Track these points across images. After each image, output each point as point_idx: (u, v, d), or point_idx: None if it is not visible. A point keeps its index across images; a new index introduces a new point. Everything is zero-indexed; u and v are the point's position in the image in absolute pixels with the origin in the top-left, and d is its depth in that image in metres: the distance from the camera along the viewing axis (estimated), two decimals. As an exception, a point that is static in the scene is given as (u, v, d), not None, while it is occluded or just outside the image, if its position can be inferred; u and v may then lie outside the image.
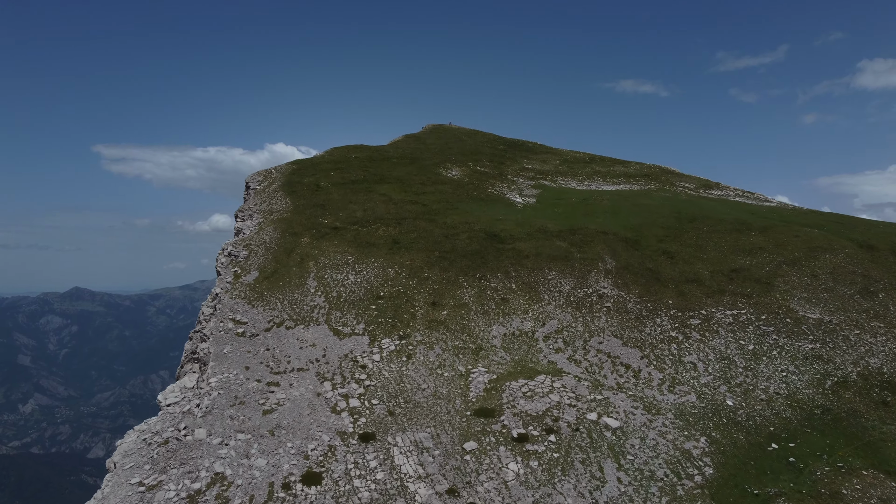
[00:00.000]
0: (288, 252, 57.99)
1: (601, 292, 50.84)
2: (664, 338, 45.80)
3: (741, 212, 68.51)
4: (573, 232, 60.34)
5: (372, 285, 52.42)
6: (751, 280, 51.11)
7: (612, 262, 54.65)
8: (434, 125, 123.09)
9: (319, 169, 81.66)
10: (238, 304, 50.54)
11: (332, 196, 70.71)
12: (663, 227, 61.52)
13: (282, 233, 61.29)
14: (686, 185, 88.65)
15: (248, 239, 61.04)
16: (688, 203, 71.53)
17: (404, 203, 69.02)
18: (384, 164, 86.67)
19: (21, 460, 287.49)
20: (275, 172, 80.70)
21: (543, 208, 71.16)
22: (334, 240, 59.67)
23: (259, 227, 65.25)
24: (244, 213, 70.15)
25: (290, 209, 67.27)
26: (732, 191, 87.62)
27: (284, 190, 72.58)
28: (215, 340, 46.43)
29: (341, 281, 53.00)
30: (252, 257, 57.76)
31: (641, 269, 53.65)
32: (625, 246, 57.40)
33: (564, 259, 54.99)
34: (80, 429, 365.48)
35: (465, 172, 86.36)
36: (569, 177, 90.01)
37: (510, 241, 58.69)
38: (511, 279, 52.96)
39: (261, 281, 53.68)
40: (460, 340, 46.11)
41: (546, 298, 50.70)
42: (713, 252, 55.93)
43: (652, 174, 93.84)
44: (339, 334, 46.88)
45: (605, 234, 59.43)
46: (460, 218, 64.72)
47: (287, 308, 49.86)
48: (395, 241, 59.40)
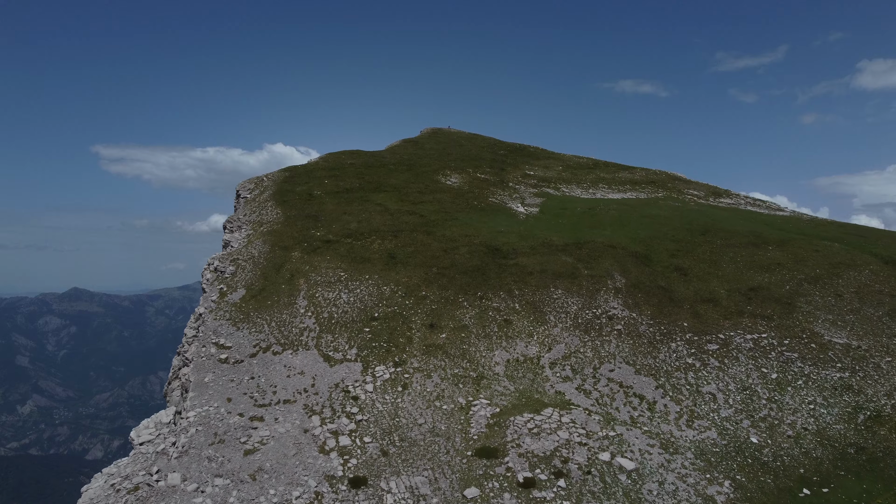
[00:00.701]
0: (277, 268, 54.65)
1: (611, 313, 47.53)
2: (680, 365, 42.48)
3: (755, 223, 65.21)
4: (579, 246, 57.02)
5: (366, 305, 49.08)
6: (770, 300, 47.81)
7: (621, 279, 51.33)
8: (433, 129, 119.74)
9: (313, 176, 78.31)
10: (222, 325, 47.19)
11: (326, 206, 67.34)
12: (674, 241, 58.20)
13: (271, 246, 57.93)
14: (694, 192, 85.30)
15: (235, 253, 57.68)
16: (698, 213, 68.21)
17: (401, 213, 65.68)
18: (381, 170, 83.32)
19: (19, 462, 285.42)
20: (266, 180, 77.36)
21: (547, 219, 67.82)
22: (326, 254, 56.32)
23: (248, 239, 61.88)
24: (233, 224, 66.78)
25: (280, 220, 63.90)
26: (743, 199, 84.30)
27: (275, 199, 69.21)
28: (196, 367, 43.09)
29: (333, 300, 49.65)
30: (239, 273, 54.40)
31: (653, 287, 50.34)
32: (634, 261, 54.07)
33: (571, 276, 51.67)
34: (78, 430, 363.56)
35: (465, 179, 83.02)
36: (572, 184, 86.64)
37: (513, 256, 55.36)
38: (514, 298, 49.63)
39: (247, 300, 50.33)
40: (460, 368, 42.78)
41: (552, 320, 47.37)
42: (729, 268, 52.61)
43: (658, 181, 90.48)
44: (329, 360, 43.55)
45: (613, 249, 56.11)
46: (460, 230, 61.37)
47: (275, 331, 46.52)
48: (390, 255, 56.06)
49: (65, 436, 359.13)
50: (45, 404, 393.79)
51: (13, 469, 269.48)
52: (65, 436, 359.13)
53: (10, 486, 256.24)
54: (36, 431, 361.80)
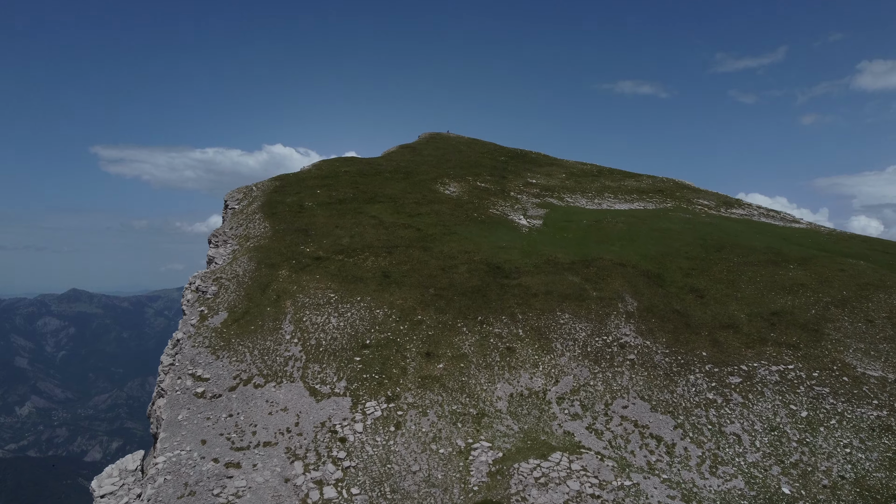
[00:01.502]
0: (263, 288, 50.89)
1: (623, 341, 43.78)
2: (700, 401, 38.74)
3: (772, 237, 61.50)
4: (587, 263, 53.28)
5: (357, 331, 45.33)
6: (795, 326, 44.08)
7: (633, 302, 47.59)
8: (431, 134, 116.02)
9: (305, 186, 74.57)
10: (201, 353, 43.42)
11: (317, 219, 63.58)
12: (688, 258, 54.47)
13: (257, 264, 54.17)
14: (704, 202, 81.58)
15: (219, 271, 53.92)
16: (711, 226, 64.50)
17: (396, 227, 61.93)
18: (376, 179, 79.59)
19: (17, 464, 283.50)
20: (255, 190, 73.62)
21: (551, 232, 64.08)
22: (316, 273, 52.57)
23: (233, 255, 58.13)
24: (218, 238, 63.01)
25: (268, 234, 60.13)
26: (755, 209, 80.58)
27: (264, 211, 65.44)
28: (170, 403, 39.33)
29: (321, 325, 45.90)
30: (222, 294, 50.64)
31: (667, 310, 46.61)
32: (646, 281, 50.34)
33: (578, 298, 47.93)
34: (77, 431, 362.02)
35: (464, 189, 79.30)
36: (577, 193, 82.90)
37: (515, 276, 51.61)
38: (517, 323, 45.89)
39: (229, 324, 46.58)
40: (459, 403, 39.02)
41: (559, 348, 43.62)
42: (748, 289, 48.88)
43: (666, 189, 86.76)
44: (316, 395, 39.78)
45: (622, 267, 52.38)
46: (459, 245, 57.62)
47: (257, 360, 42.76)
48: (384, 274, 52.31)
49: (63, 437, 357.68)
50: (43, 406, 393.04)
51: (11, 471, 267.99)
52: (63, 437, 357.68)
53: (8, 488, 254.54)
54: (34, 433, 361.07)
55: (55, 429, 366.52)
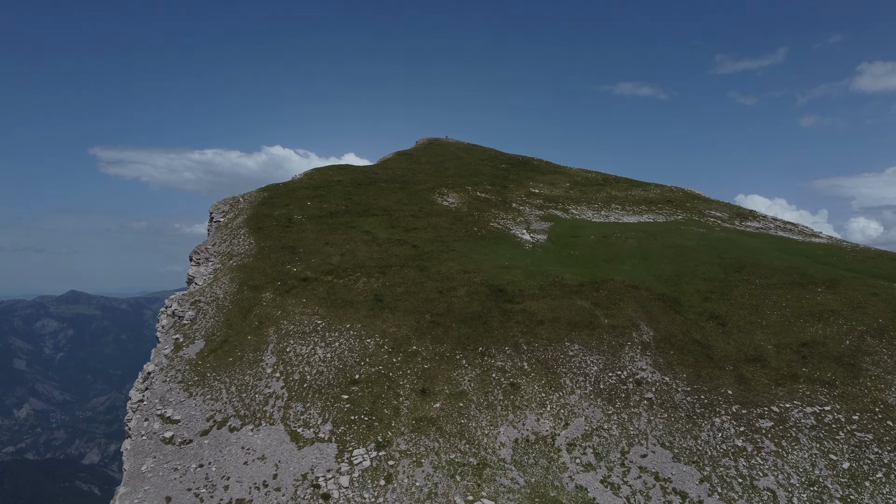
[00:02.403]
0: (244, 313, 46.74)
1: (639, 376, 39.61)
2: (728, 449, 34.55)
3: (794, 255, 57.35)
4: (596, 286, 49.11)
5: (345, 364, 41.15)
6: (829, 359, 39.91)
7: (648, 330, 43.43)
8: (429, 139, 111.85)
9: (294, 197, 70.39)
10: (172, 390, 39.28)
11: (306, 234, 59.40)
12: (706, 279, 50.30)
13: (239, 285, 50.02)
14: (717, 213, 77.40)
15: (197, 293, 49.74)
16: (728, 242, 60.32)
17: (391, 244, 57.75)
18: (371, 189, 75.42)
19: (15, 466, 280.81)
20: (242, 201, 69.41)
21: (557, 249, 59.93)
22: (303, 296, 48.43)
23: (214, 276, 53.95)
24: (200, 255, 58.80)
25: (253, 252, 55.96)
26: (771, 221, 76.40)
27: (250, 226, 61.25)
28: (135, 450, 35.15)
29: (306, 357, 41.74)
30: (199, 319, 46.49)
31: (687, 341, 42.45)
32: (662, 307, 46.18)
33: (589, 326, 43.77)
34: (75, 434, 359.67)
35: (464, 199, 75.13)
36: (582, 204, 78.73)
37: (519, 300, 47.45)
38: (522, 355, 41.71)
39: (206, 355, 42.43)
40: (457, 451, 34.83)
41: (568, 385, 39.44)
42: (774, 316, 44.71)
43: (675, 200, 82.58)
44: (298, 440, 35.60)
45: (635, 290, 48.22)
46: (457, 265, 53.45)
47: (234, 398, 38.60)
48: (377, 297, 48.15)
49: (61, 440, 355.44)
50: (41, 408, 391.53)
51: (9, 474, 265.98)
52: (61, 440, 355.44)
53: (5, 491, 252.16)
54: (32, 435, 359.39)
55: (53, 431, 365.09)
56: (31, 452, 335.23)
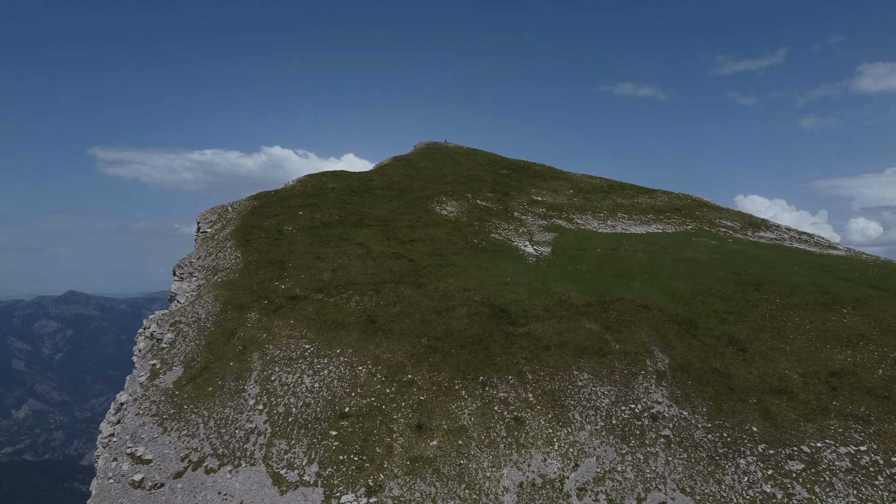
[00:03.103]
0: (227, 336, 43.45)
1: (655, 410, 36.30)
2: (756, 496, 31.24)
3: (813, 270, 54.05)
4: (605, 305, 45.82)
5: (334, 394, 37.85)
6: (861, 391, 36.60)
7: (663, 357, 40.13)
8: (427, 144, 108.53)
9: (286, 206, 67.05)
10: (145, 425, 36.00)
11: (296, 247, 56.07)
12: (722, 298, 47.02)
13: (223, 304, 46.72)
14: (728, 223, 74.10)
15: (178, 313, 46.45)
16: (742, 256, 57.00)
17: (386, 257, 54.45)
18: (366, 197, 72.13)
19: (13, 467, 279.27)
20: (231, 210, 66.08)
21: (562, 263, 56.61)
22: (290, 316, 45.13)
23: (197, 293, 50.66)
24: (184, 269, 55.48)
25: (239, 267, 52.66)
26: (785, 231, 73.12)
27: (237, 238, 57.91)
28: (100, 496, 31.87)
29: (292, 387, 38.44)
30: (179, 343, 43.21)
31: (705, 369, 39.15)
32: (677, 329, 42.88)
33: (599, 352, 40.47)
34: (73, 435, 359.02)
35: (463, 208, 71.83)
36: (587, 213, 75.41)
37: (523, 321, 44.15)
38: (527, 385, 38.40)
39: (183, 384, 39.15)
40: (456, 497, 31.53)
41: (577, 419, 36.13)
42: (798, 341, 41.42)
43: (684, 208, 79.29)
44: (280, 483, 32.31)
45: (647, 310, 44.93)
46: (457, 281, 50.16)
47: (212, 434, 35.30)
48: (370, 318, 44.83)
49: (60, 440, 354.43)
50: (40, 408, 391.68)
51: (7, 475, 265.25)
52: (60, 440, 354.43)
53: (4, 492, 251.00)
54: (31, 436, 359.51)
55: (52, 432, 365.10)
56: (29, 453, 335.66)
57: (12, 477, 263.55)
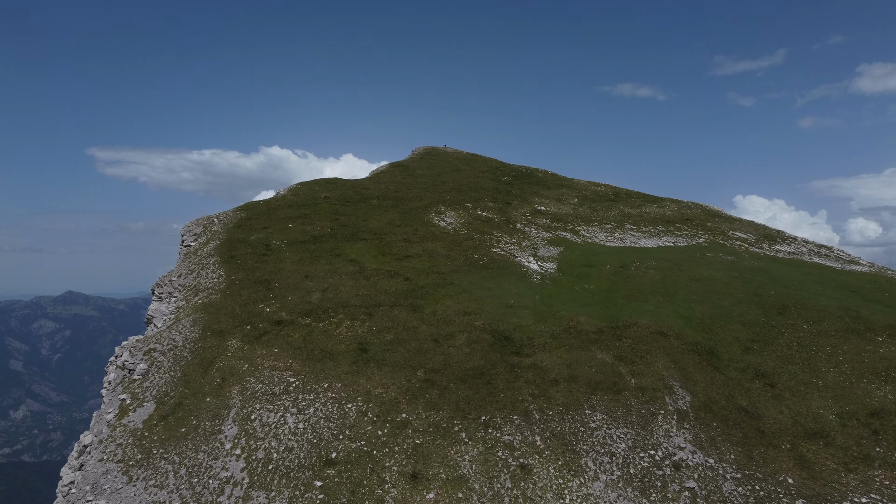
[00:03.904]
0: (206, 366, 39.72)
1: (677, 458, 32.57)
2: (796, 563, 27.55)
3: (839, 289, 50.35)
4: (618, 332, 42.12)
5: (320, 437, 34.09)
6: (907, 435, 32.89)
7: (684, 394, 36.39)
8: (425, 148, 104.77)
9: (275, 217, 63.35)
10: (109, 472, 32.27)
11: (284, 265, 52.33)
12: (744, 323, 43.33)
13: (202, 330, 43.02)
14: (741, 235, 70.37)
15: (153, 339, 42.76)
16: (761, 273, 53.28)
17: (380, 276, 50.71)
18: (360, 208, 68.42)
19: (11, 469, 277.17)
20: (216, 223, 62.34)
21: (569, 282, 52.87)
22: (275, 344, 41.40)
23: (175, 316, 46.93)
24: (163, 287, 51.76)
25: (222, 287, 48.91)
26: (803, 245, 69.40)
27: (221, 253, 54.18)
28: (51, 560, 28.05)
29: (274, 428, 34.69)
30: (153, 375, 39.51)
31: (731, 408, 35.42)
32: (697, 361, 39.17)
33: (613, 389, 36.73)
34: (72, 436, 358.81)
35: (463, 219, 68.10)
36: (593, 224, 71.68)
37: (529, 351, 40.43)
38: (533, 426, 34.66)
39: (154, 423, 35.43)
40: (456, 564, 27.80)
41: (591, 467, 32.39)
42: (831, 374, 37.72)
43: (694, 218, 75.57)
44: (257, 546, 28.56)
45: (664, 337, 41.23)
46: (456, 303, 46.45)
47: (183, 484, 31.55)
48: (361, 347, 41.10)
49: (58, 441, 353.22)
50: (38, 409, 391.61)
51: (5, 476, 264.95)
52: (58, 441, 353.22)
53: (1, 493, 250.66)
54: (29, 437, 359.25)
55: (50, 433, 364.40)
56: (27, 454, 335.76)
57: (10, 478, 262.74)
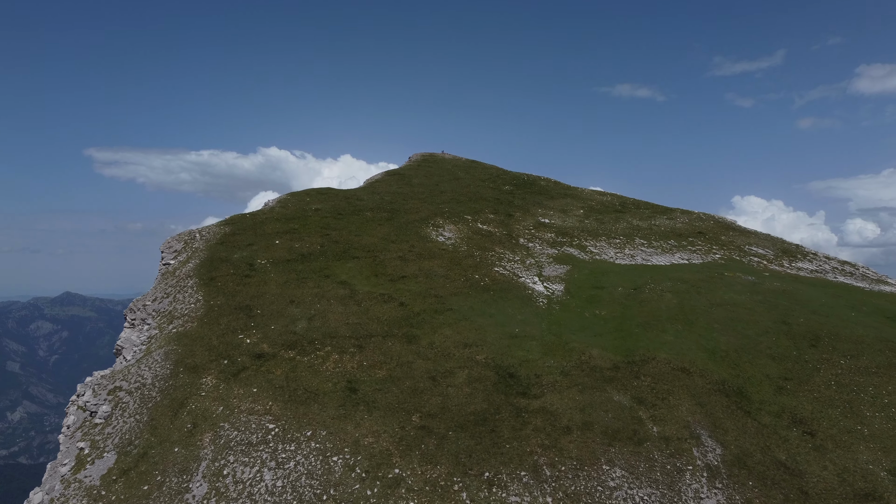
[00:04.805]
0: (176, 408, 35.47)
1: (710, 526, 28.41)
2: None
3: (873, 315, 46.24)
4: (635, 368, 37.95)
5: (301, 498, 29.86)
6: (971, 497, 28.77)
7: (713, 445, 32.21)
8: (423, 155, 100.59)
9: (261, 232, 59.06)
10: (57, 542, 27.94)
11: (268, 288, 48.08)
12: (774, 357, 39.19)
13: (175, 364, 38.77)
14: (759, 251, 66.23)
15: (120, 376, 38.52)
16: (787, 297, 49.10)
17: (372, 300, 46.50)
18: (353, 221, 64.19)
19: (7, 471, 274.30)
20: (198, 239, 58.03)
21: (578, 306, 48.66)
22: (254, 383, 37.14)
23: (146, 347, 42.65)
24: (136, 313, 47.50)
25: (199, 313, 44.63)
26: (825, 261, 65.25)
27: (200, 275, 49.89)
28: None
29: (248, 486, 30.46)
30: (116, 418, 35.27)
31: (768, 463, 31.25)
32: (726, 404, 35.00)
33: (633, 438, 32.54)
34: None
35: (463, 233, 63.90)
36: (601, 238, 67.51)
37: (537, 391, 36.24)
38: (544, 484, 30.46)
39: (113, 479, 31.21)
40: None
41: (610, 537, 28.21)
42: (877, 420, 33.58)
43: (707, 231, 71.42)
44: None
45: (686, 375, 37.09)
46: (455, 333, 42.25)
47: (141, 558, 27.28)
48: (350, 386, 36.88)
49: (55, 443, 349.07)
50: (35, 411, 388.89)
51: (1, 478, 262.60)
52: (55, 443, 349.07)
53: None
54: (26, 439, 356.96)
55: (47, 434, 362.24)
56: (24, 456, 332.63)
57: (7, 480, 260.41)
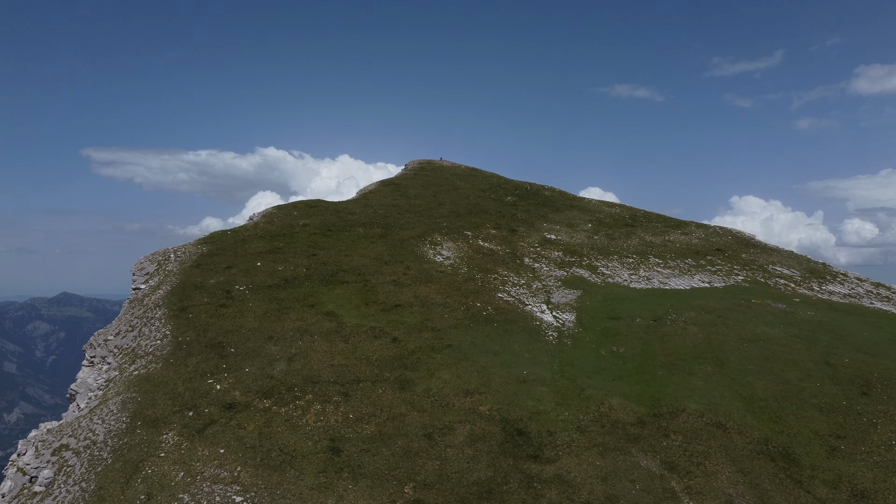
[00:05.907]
0: (129, 474, 30.25)
1: None
2: None
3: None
4: (663, 424, 32.82)
5: None
6: None
7: (763, 527, 27.09)
8: (420, 162, 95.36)
9: (242, 253, 53.85)
10: None
11: (245, 320, 42.87)
12: (821, 409, 34.11)
13: (132, 416, 33.57)
14: (785, 271, 61.11)
15: (68, 431, 33.32)
16: (825, 330, 43.98)
17: (361, 335, 41.32)
18: (343, 238, 58.99)
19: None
20: (172, 260, 52.80)
21: (593, 341, 43.50)
22: (221, 441, 31.94)
23: (104, 392, 37.44)
24: (95, 349, 42.24)
25: (165, 352, 39.40)
26: (857, 283, 60.16)
27: (170, 304, 44.64)
28: None
29: (207, 582, 25.27)
30: (59, 486, 30.10)
31: (829, 551, 26.15)
32: (772, 470, 29.88)
33: (665, 518, 27.41)
34: None
35: (463, 252, 58.72)
36: (612, 257, 62.32)
37: (550, 453, 31.08)
38: (562, 580, 25.31)
39: (47, 570, 25.91)
40: None
41: None
42: (953, 494, 28.46)
43: (726, 248, 66.30)
44: None
45: (723, 431, 31.99)
46: (455, 377, 37.10)
47: None
48: (333, 446, 31.70)
49: None
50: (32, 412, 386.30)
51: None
52: None
53: None
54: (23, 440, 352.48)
55: None
56: None
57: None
